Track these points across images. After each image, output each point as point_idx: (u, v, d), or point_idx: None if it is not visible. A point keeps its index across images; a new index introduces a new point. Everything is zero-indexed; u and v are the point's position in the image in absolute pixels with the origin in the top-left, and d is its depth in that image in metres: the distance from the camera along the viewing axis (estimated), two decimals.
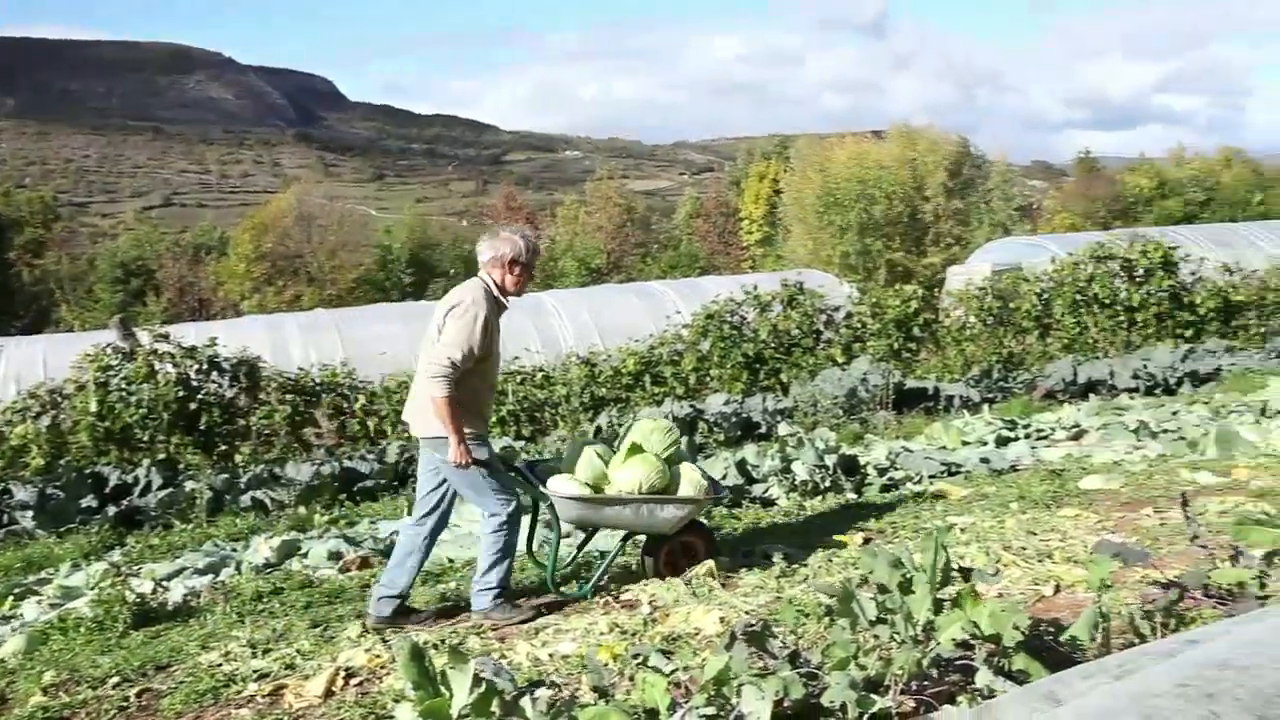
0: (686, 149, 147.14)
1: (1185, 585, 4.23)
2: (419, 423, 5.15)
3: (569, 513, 5.38)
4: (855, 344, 14.48)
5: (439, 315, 5.10)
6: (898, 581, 3.49)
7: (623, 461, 5.47)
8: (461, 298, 5.08)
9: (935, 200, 40.76)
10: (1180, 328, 16.35)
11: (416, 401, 5.18)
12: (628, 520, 5.41)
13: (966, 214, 41.45)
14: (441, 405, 4.90)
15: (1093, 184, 54.46)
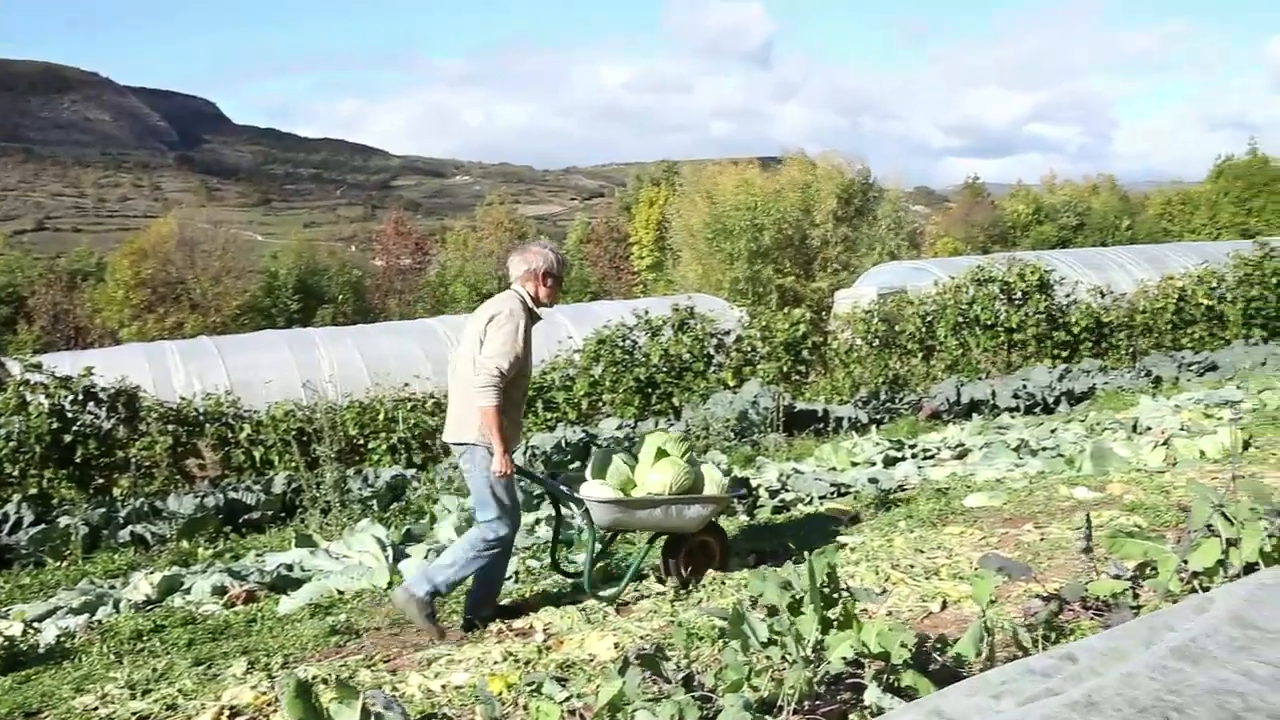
0: (577, 174, 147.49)
1: (1065, 598, 4.36)
2: (452, 429, 5.29)
3: (604, 517, 5.54)
4: (746, 367, 14.64)
5: (478, 327, 5.22)
6: (788, 603, 3.52)
7: (651, 465, 5.68)
8: (500, 308, 5.23)
9: (824, 226, 41.51)
10: (1057, 348, 16.94)
11: (453, 410, 5.33)
12: (658, 520, 5.64)
13: (855, 240, 42.31)
14: (490, 414, 5.03)
15: (973, 209, 56.14)
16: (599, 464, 5.78)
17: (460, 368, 5.29)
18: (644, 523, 5.66)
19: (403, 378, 14.55)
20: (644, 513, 5.58)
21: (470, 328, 5.31)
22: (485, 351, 5.10)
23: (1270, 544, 4.34)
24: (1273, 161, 49.86)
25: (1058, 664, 2.24)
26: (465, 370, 5.20)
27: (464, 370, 5.21)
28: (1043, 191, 58.01)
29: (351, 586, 6.34)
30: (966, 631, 3.81)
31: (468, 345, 5.26)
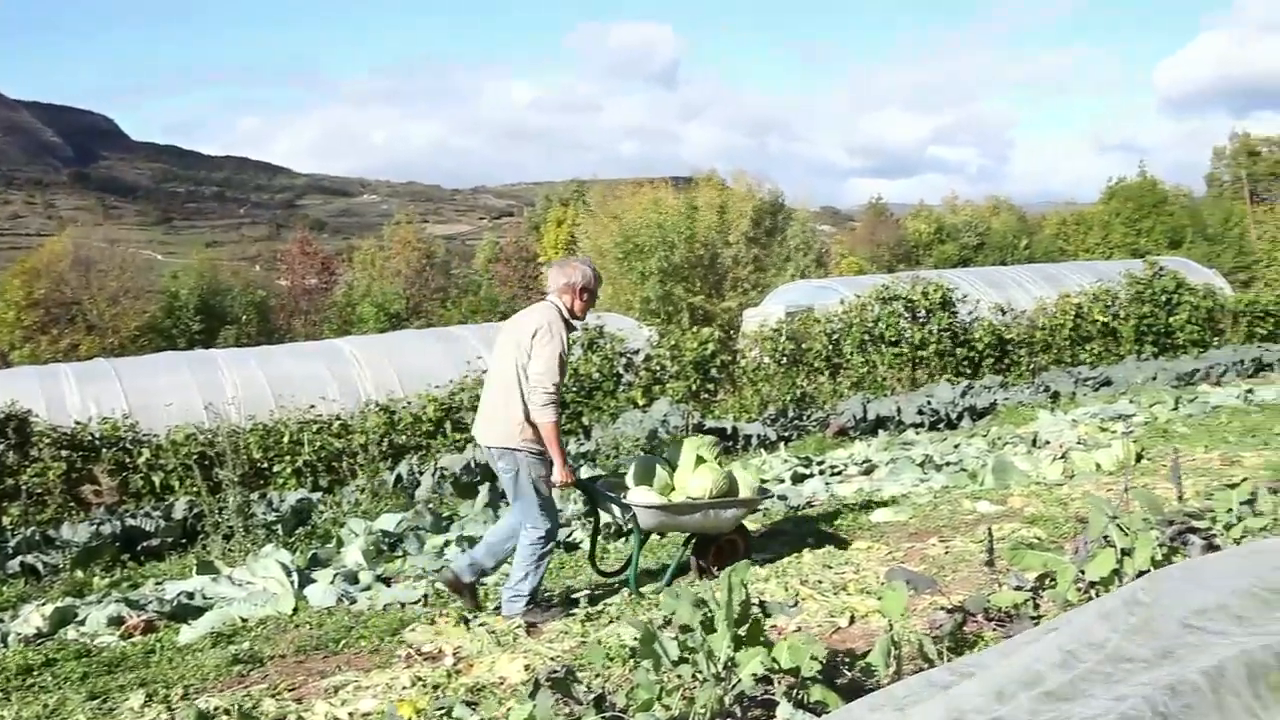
0: (486, 193, 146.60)
1: (969, 610, 4.45)
2: (491, 434, 5.51)
3: (650, 521, 5.88)
4: (655, 386, 14.68)
5: (519, 338, 5.46)
6: (699, 620, 3.53)
7: (692, 471, 6.03)
8: (542, 321, 5.48)
9: (736, 246, 41.90)
10: (960, 365, 17.31)
11: (489, 417, 5.55)
12: (697, 523, 5.99)
13: (764, 259, 42.78)
14: (549, 430, 5.35)
15: (878, 229, 57.17)
16: (641, 471, 6.11)
17: (497, 377, 5.56)
18: (685, 525, 6.02)
19: (309, 399, 14.29)
20: (686, 516, 5.94)
21: (507, 337, 5.61)
22: (537, 369, 5.33)
23: (1161, 553, 4.47)
24: (1160, 184, 51.73)
25: (958, 674, 2.28)
26: (510, 379, 5.43)
27: (503, 380, 5.47)
28: (944, 211, 59.30)
29: (255, 614, 6.20)
30: (875, 645, 3.87)
31: (508, 353, 5.50)
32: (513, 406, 5.40)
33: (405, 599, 6.15)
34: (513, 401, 5.41)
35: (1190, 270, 24.44)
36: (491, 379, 5.69)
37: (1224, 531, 5.00)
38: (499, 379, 5.54)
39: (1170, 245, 44.21)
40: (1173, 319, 20.23)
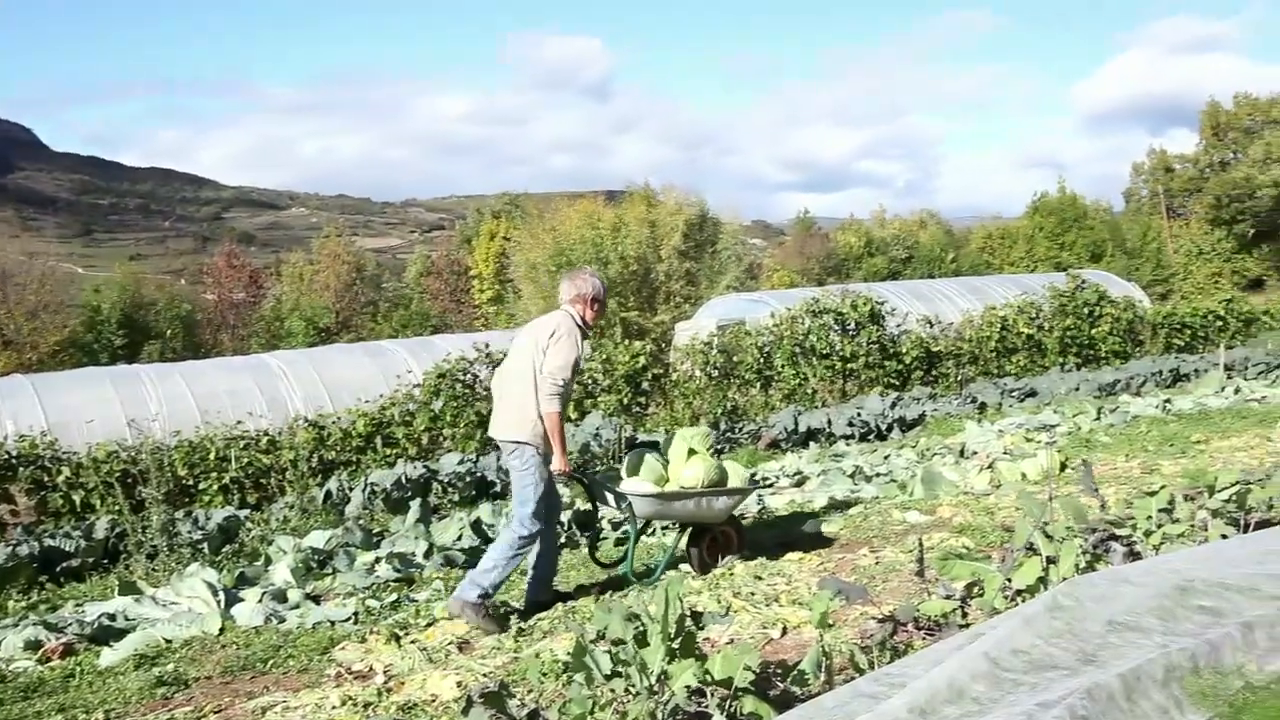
0: (417, 207, 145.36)
1: (899, 619, 4.49)
2: (505, 428, 5.86)
3: (645, 509, 6.16)
4: (587, 400, 14.66)
5: (535, 341, 5.82)
6: (632, 634, 3.53)
7: (685, 461, 6.28)
8: (557, 325, 5.86)
9: (669, 261, 42.04)
10: (889, 377, 17.53)
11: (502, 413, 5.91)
12: (690, 511, 6.26)
13: (696, 273, 42.98)
14: (554, 419, 5.67)
15: (808, 242, 57.71)
16: (633, 464, 6.39)
17: (514, 375, 5.88)
18: (679, 513, 6.28)
19: (236, 415, 14.07)
20: (680, 504, 6.20)
21: (523, 341, 5.97)
22: (552, 365, 5.69)
23: (1085, 560, 4.57)
24: (1081, 199, 52.94)
25: (886, 687, 2.30)
26: (523, 378, 5.78)
27: (520, 378, 5.80)
28: (873, 225, 60.05)
29: (180, 634, 6.06)
30: (806, 656, 3.89)
31: (522, 356, 5.87)
32: (527, 403, 5.74)
33: (335, 617, 6.08)
34: (528, 398, 5.74)
35: (1111, 283, 25.04)
36: (506, 378, 5.98)
37: (1144, 538, 5.11)
38: (515, 377, 5.86)
39: (1091, 259, 45.24)
40: (1095, 331, 20.70)
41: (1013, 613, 2.77)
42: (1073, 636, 2.54)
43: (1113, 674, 2.15)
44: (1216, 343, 21.79)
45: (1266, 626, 2.48)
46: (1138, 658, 2.22)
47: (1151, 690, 2.07)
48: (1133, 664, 2.17)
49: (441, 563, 7.37)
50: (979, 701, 2.22)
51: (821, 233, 60.45)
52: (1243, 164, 50.83)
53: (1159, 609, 2.65)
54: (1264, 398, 13.14)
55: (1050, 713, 2.11)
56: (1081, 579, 2.97)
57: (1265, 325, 25.31)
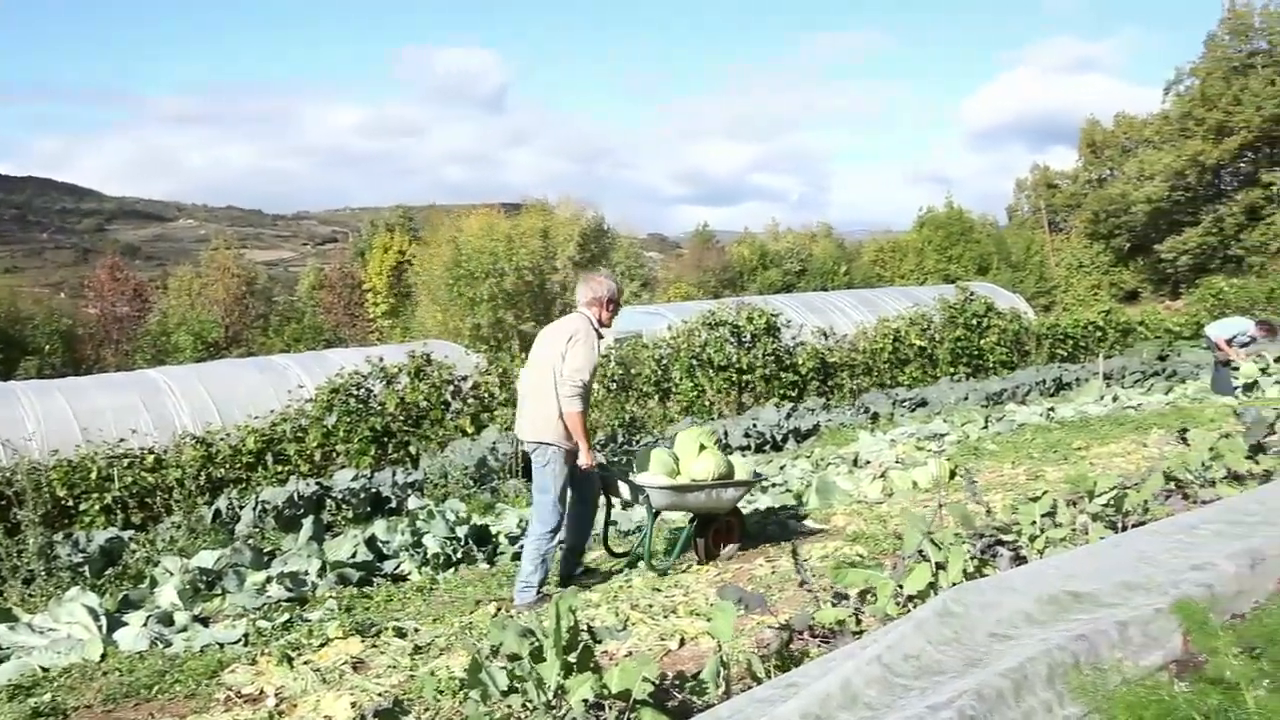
0: (309, 219, 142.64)
1: (795, 627, 4.54)
2: (530, 429, 6.21)
3: (661, 500, 6.56)
4: (484, 414, 14.55)
5: (556, 345, 6.16)
6: (528, 649, 3.50)
7: (696, 456, 6.78)
8: (576, 328, 6.21)
9: (564, 272, 42.03)
10: (785, 388, 17.75)
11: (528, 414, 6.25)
12: (701, 502, 6.67)
13: None
14: (576, 418, 6.03)
15: (704, 255, 58.20)
16: (643, 459, 6.91)
17: (537, 378, 6.21)
18: (690, 504, 6.66)
19: (120, 433, 13.62)
20: (692, 495, 6.61)
21: (544, 346, 6.31)
22: (571, 366, 6.04)
23: (973, 565, 4.68)
24: (968, 214, 54.43)
25: (782, 692, 2.32)
26: (546, 380, 6.12)
27: (544, 380, 6.13)
28: (768, 239, 60.83)
29: (58, 662, 5.83)
30: (705, 666, 3.91)
31: (544, 359, 6.22)
32: (550, 405, 6.08)
33: (224, 639, 5.91)
34: (550, 400, 6.08)
35: (998, 296, 25.77)
36: (529, 381, 6.33)
37: (1029, 543, 5.26)
38: (538, 380, 6.20)
39: (978, 271, 46.53)
40: (983, 342, 21.27)
41: (904, 619, 2.83)
42: (960, 644, 2.59)
43: (1000, 674, 2.20)
44: (1096, 352, 22.56)
45: (1140, 624, 2.57)
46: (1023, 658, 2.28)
47: (1037, 688, 2.12)
48: (1018, 663, 2.22)
49: (335, 581, 7.22)
50: (871, 706, 2.26)
51: (718, 245, 61.02)
52: (1119, 181, 52.77)
53: (1042, 611, 2.73)
54: (1139, 405, 13.64)
55: (940, 715, 2.15)
56: (970, 585, 3.04)
57: (1141, 335, 26.32)
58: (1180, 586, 2.90)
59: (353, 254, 65.64)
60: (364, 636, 5.60)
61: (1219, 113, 46.70)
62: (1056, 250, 55.25)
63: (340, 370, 14.81)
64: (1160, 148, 50.47)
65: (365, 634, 5.65)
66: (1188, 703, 2.10)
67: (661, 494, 6.56)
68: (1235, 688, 2.13)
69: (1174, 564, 3.16)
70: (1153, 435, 10.60)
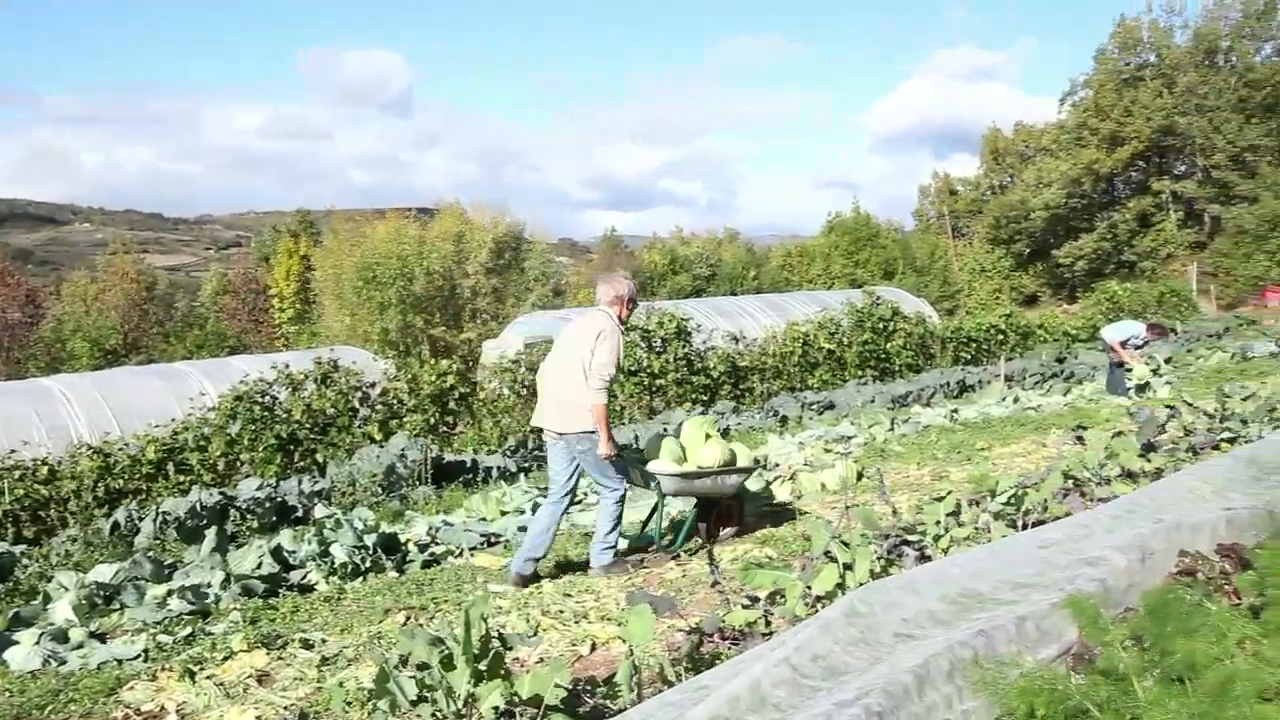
0: (212, 223, 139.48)
1: (705, 630, 4.57)
2: (560, 421, 6.59)
3: (670, 486, 6.95)
4: (392, 420, 14.39)
5: (587, 338, 6.53)
6: (438, 658, 3.47)
7: (703, 444, 7.20)
8: (602, 326, 6.57)
9: (475, 277, 41.73)
10: (697, 392, 17.85)
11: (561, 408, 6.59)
12: (707, 487, 7.07)
13: (504, 290, 42.84)
14: (601, 409, 6.44)
15: (614, 260, 58.27)
16: (653, 448, 7.21)
17: (566, 373, 6.58)
18: (697, 489, 7.04)
19: (10, 444, 13.18)
20: (699, 481, 7.01)
21: (571, 343, 6.67)
22: (599, 361, 6.44)
23: (879, 565, 4.76)
24: (874, 219, 55.38)
25: (692, 695, 2.34)
26: (575, 375, 6.49)
27: (572, 375, 6.51)
28: (677, 244, 61.15)
29: None
30: (617, 670, 3.91)
31: (571, 354, 6.59)
32: (581, 397, 6.45)
33: (123, 655, 5.74)
34: (580, 392, 6.45)
35: (903, 300, 26.26)
36: (556, 376, 6.68)
37: (933, 543, 5.37)
38: (568, 375, 6.55)
39: (884, 276, 47.35)
40: (890, 345, 21.65)
41: (812, 620, 2.86)
42: (867, 644, 2.63)
43: (905, 670, 2.24)
44: (998, 355, 23.12)
45: (1036, 619, 2.64)
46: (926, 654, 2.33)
47: (939, 683, 2.16)
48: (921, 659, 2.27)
49: (240, 593, 7.06)
50: (780, 708, 2.28)
51: (628, 250, 61.18)
52: (1018, 188, 54.16)
53: (946, 610, 2.79)
54: (1039, 406, 14.00)
55: (847, 712, 2.18)
56: (875, 585, 3.09)
57: (1040, 338, 27.04)
58: (1075, 582, 2.99)
59: (257, 259, 64.36)
60: (269, 649, 5.49)
61: (1112, 123, 48.24)
62: (959, 255, 56.52)
63: (245, 377, 14.52)
64: (1057, 156, 51.95)
65: (271, 646, 5.53)
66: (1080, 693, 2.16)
67: (671, 480, 6.93)
68: (1126, 679, 2.21)
69: (1069, 560, 3.25)
70: (1052, 435, 10.89)
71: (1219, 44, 48.28)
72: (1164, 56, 48.88)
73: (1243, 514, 3.64)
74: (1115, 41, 50.48)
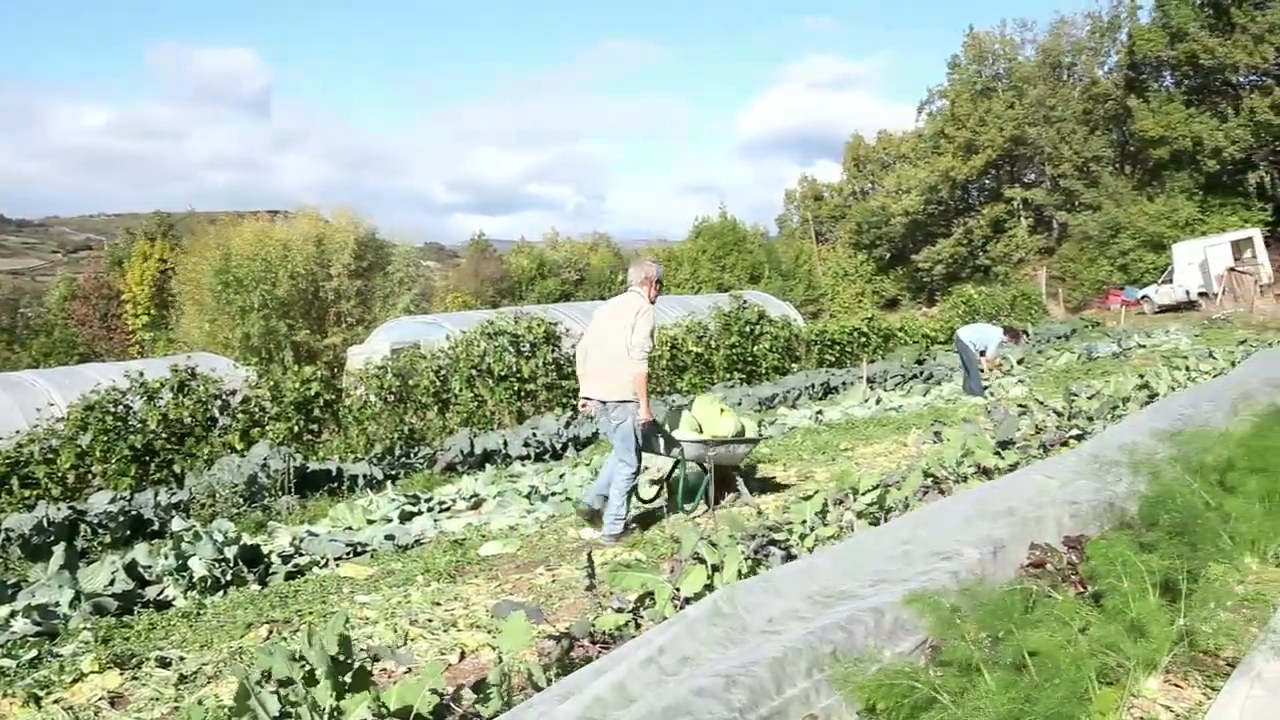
0: (60, 225, 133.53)
1: (574, 635, 4.56)
2: (602, 390, 7.34)
3: (693, 452, 7.75)
4: (254, 429, 14.00)
5: (627, 316, 7.28)
6: (301, 672, 3.39)
7: (719, 417, 8.01)
8: (640, 305, 7.35)
9: (339, 280, 40.93)
10: (567, 396, 17.82)
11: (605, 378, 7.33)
12: (721, 455, 7.83)
13: (369, 295, 42.13)
14: (641, 379, 7.17)
15: (482, 265, 57.88)
16: (674, 420, 8.02)
17: (605, 345, 7.33)
18: (707, 456, 7.76)
19: None
20: (715, 449, 7.77)
21: (609, 319, 7.45)
22: (638, 337, 7.15)
23: (747, 565, 4.82)
24: (740, 224, 56.23)
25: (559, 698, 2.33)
26: (617, 349, 7.19)
27: (619, 349, 7.19)
28: (546, 248, 61.07)
29: None
30: (487, 677, 3.88)
31: (611, 330, 7.34)
32: (624, 369, 7.15)
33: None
34: (624, 365, 7.15)
35: (769, 304, 26.71)
36: (597, 351, 7.44)
37: (799, 541, 5.47)
38: (610, 350, 7.28)
39: (751, 280, 48.10)
40: (756, 348, 21.98)
41: (676, 620, 2.89)
42: (731, 643, 2.67)
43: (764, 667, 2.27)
44: (861, 358, 23.70)
45: (894, 613, 2.72)
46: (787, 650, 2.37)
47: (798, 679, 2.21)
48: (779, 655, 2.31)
49: (91, 611, 6.76)
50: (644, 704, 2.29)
51: (496, 255, 60.82)
52: (879, 194, 55.70)
53: (809, 607, 2.84)
54: (900, 407, 14.41)
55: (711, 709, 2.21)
56: (739, 585, 3.14)
57: (901, 340, 27.81)
58: (932, 575, 3.08)
59: (110, 263, 61.85)
60: (123, 668, 5.28)
61: (967, 131, 49.96)
62: (823, 260, 57.78)
63: (96, 386, 13.94)
64: (916, 163, 53.58)
65: (125, 666, 5.32)
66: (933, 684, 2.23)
67: (694, 447, 7.71)
68: (976, 669, 2.28)
69: (927, 554, 3.35)
70: (912, 435, 11.21)
71: (1063, 59, 50.45)
72: (1014, 69, 50.84)
73: (1085, 507, 3.81)
74: (968, 53, 52.30)
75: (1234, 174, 43.91)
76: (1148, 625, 3.03)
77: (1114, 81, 48.39)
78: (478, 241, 62.23)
